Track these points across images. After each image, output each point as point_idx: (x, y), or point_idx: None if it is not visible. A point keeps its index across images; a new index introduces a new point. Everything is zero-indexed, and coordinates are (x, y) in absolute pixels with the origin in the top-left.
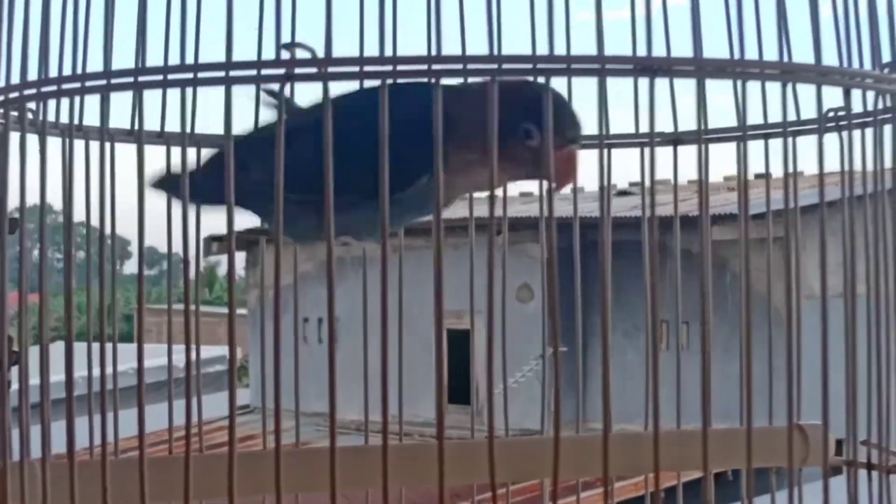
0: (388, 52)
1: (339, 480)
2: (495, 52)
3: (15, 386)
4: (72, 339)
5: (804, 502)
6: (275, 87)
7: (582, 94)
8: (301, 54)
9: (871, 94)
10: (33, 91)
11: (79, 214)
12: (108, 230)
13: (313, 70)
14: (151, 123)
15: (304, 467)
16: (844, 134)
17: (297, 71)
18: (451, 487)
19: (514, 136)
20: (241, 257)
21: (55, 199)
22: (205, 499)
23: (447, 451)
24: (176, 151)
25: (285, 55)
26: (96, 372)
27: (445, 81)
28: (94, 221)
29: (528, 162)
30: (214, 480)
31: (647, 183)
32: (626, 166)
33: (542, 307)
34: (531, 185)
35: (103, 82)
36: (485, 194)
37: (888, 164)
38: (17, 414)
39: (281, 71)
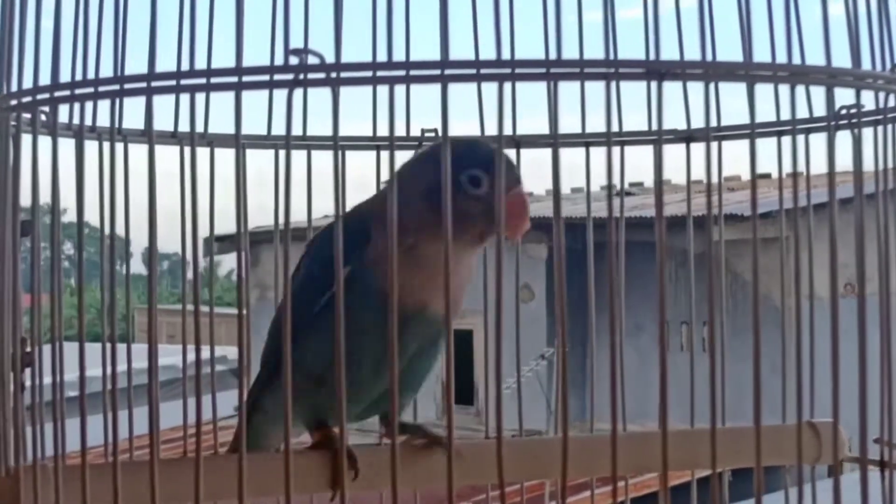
0: (400, 57)
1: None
2: (507, 55)
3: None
4: (83, 339)
5: (817, 500)
6: None
7: (594, 94)
8: (311, 60)
9: (881, 94)
10: (46, 96)
11: (91, 216)
12: (120, 231)
13: (323, 75)
14: (165, 122)
15: (301, 468)
16: (855, 132)
17: (308, 76)
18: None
19: (459, 188)
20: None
21: (67, 201)
22: (219, 499)
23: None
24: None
25: (294, 61)
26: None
27: (457, 86)
28: (105, 222)
29: (478, 214)
30: (227, 481)
31: (656, 181)
32: (640, 165)
33: (545, 307)
34: (531, 186)
35: (116, 87)
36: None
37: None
38: (30, 414)
39: (290, 76)
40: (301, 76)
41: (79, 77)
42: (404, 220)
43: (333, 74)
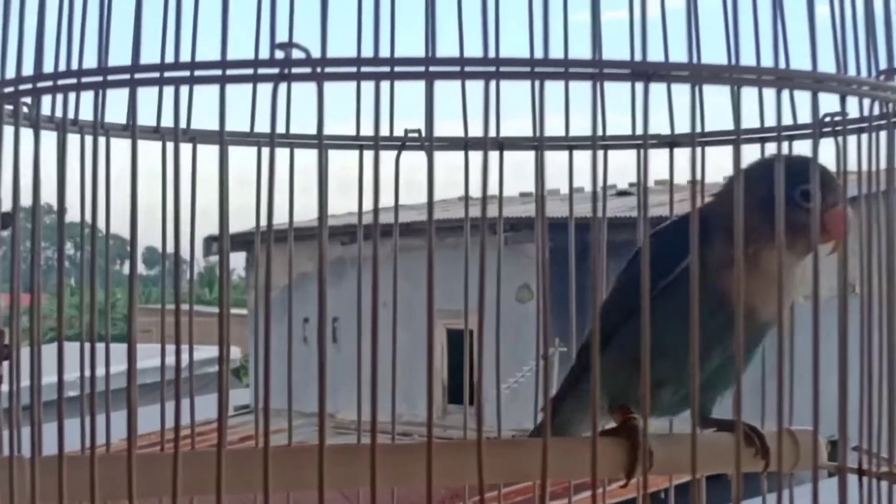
0: (385, 54)
1: (329, 479)
2: (492, 54)
3: (6, 388)
4: (62, 338)
5: None
6: None
7: (578, 96)
8: (296, 54)
9: (866, 100)
10: (29, 86)
11: (76, 212)
12: (102, 227)
13: (308, 70)
14: (147, 118)
15: (296, 466)
16: (840, 139)
17: (293, 71)
18: (451, 488)
19: (793, 202)
20: (241, 257)
21: (50, 195)
22: (196, 495)
23: (440, 451)
24: (171, 147)
25: (279, 55)
26: (90, 372)
27: (442, 83)
28: (90, 218)
29: (807, 226)
30: (205, 477)
31: (652, 184)
32: (625, 167)
33: (537, 307)
34: (530, 185)
35: (99, 79)
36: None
37: (883, 167)
38: (8, 412)
39: (275, 70)
40: (286, 70)
41: (62, 68)
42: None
43: (319, 69)
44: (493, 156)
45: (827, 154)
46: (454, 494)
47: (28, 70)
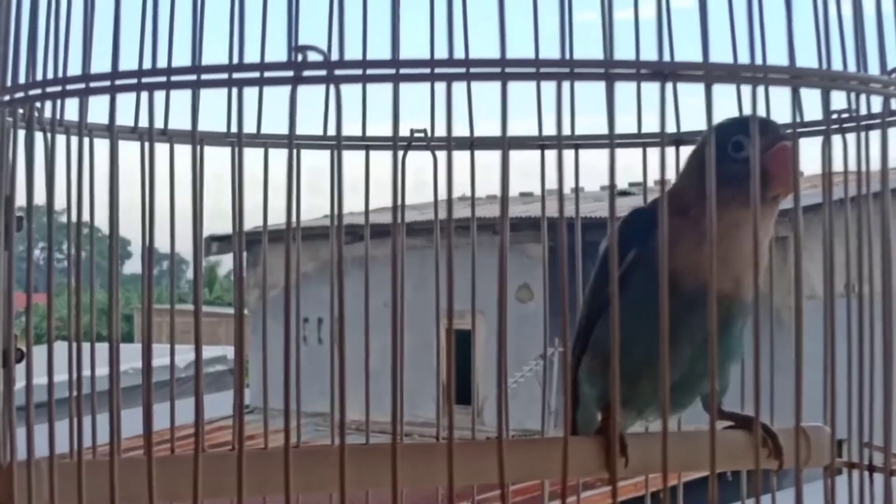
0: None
1: (346, 480)
2: (501, 55)
3: (19, 384)
4: (80, 339)
5: (804, 503)
6: None
7: (585, 97)
8: (312, 57)
9: (876, 98)
10: (39, 91)
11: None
12: (102, 228)
13: (322, 73)
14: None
15: (307, 467)
16: (850, 136)
17: (307, 73)
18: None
19: (728, 159)
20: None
21: (59, 198)
22: (207, 498)
23: (457, 451)
24: (179, 149)
25: (298, 57)
26: (97, 372)
27: (441, 84)
28: (95, 220)
29: (746, 177)
30: (217, 479)
31: (652, 184)
32: (626, 166)
33: (544, 307)
34: (531, 185)
35: (108, 83)
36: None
37: (893, 165)
38: (21, 413)
39: (290, 73)
40: (301, 73)
41: (73, 73)
42: (685, 197)
43: (334, 72)
44: (495, 155)
45: (836, 152)
46: (455, 494)
47: (39, 75)
